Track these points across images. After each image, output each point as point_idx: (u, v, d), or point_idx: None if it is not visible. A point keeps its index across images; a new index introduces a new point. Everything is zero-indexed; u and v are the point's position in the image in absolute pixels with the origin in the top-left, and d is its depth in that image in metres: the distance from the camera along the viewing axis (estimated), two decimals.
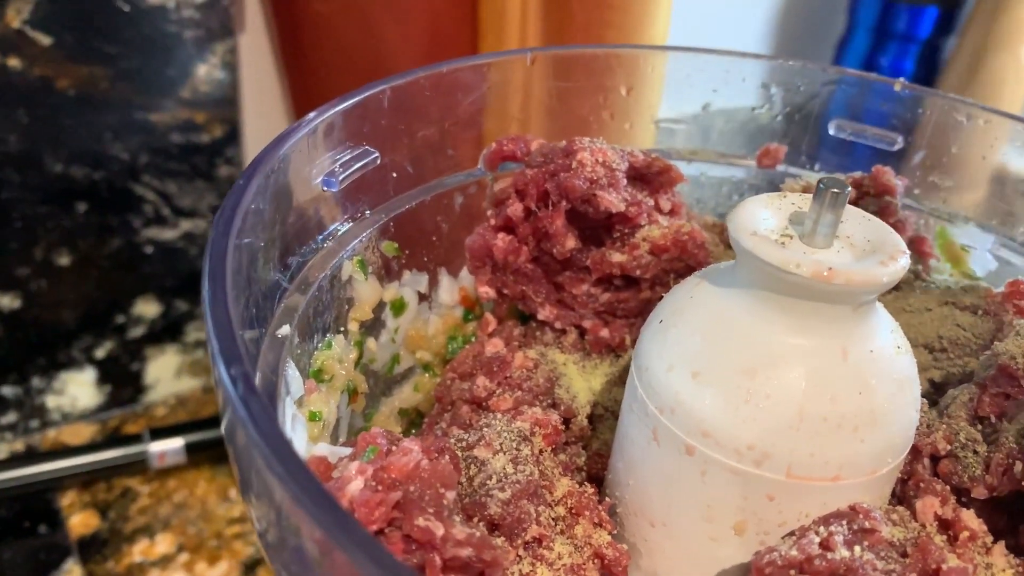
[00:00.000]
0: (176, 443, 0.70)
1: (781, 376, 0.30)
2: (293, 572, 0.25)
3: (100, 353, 0.76)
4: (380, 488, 0.28)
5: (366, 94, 0.37)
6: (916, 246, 0.42)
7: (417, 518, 0.27)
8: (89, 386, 0.76)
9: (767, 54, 0.45)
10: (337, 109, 0.37)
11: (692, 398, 0.31)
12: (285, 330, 0.33)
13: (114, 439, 0.73)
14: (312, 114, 0.35)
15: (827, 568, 0.27)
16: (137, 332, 0.77)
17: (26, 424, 0.74)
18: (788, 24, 1.13)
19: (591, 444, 0.40)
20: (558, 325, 0.43)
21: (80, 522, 0.66)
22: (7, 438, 0.73)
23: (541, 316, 0.43)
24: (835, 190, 0.28)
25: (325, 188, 0.37)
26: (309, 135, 0.35)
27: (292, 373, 0.32)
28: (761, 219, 0.31)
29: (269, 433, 0.22)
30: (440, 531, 0.27)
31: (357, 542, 0.21)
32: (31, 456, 0.70)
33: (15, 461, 0.68)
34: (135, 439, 0.70)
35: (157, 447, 0.69)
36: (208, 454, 0.71)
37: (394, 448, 0.29)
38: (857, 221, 0.31)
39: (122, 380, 0.78)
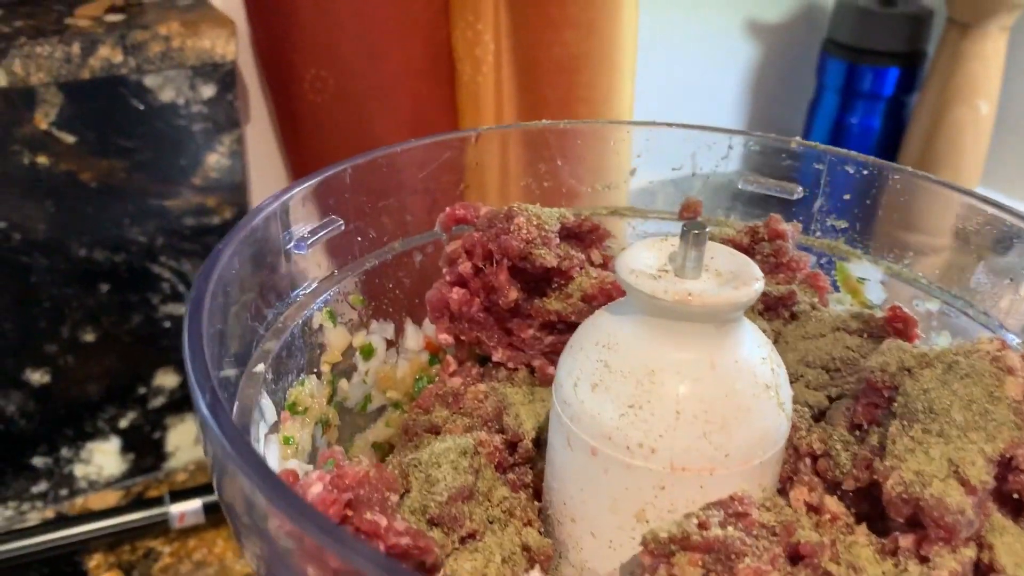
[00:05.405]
0: (195, 504, 0.73)
1: (661, 384, 0.36)
2: None
3: (124, 423, 0.79)
4: (335, 491, 0.34)
5: (329, 173, 0.44)
6: (811, 281, 0.48)
7: (365, 513, 0.33)
8: (114, 455, 0.80)
9: (684, 123, 0.52)
10: (305, 186, 0.43)
11: (593, 407, 0.37)
12: (260, 368, 0.39)
13: (137, 502, 0.76)
14: (281, 190, 0.42)
15: (702, 543, 0.33)
16: (158, 402, 0.80)
17: (56, 492, 0.77)
18: (761, 89, 1.19)
19: (537, 464, 0.45)
20: (510, 365, 0.49)
21: None
22: (38, 506, 0.77)
23: (495, 358, 0.49)
24: (695, 231, 0.35)
25: (296, 252, 0.43)
26: (281, 208, 0.42)
27: (266, 403, 0.39)
28: (642, 258, 0.37)
29: (233, 436, 0.29)
30: (384, 523, 0.33)
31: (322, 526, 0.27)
32: (59, 520, 0.74)
33: (45, 525, 0.72)
34: (156, 501, 0.73)
35: (177, 508, 0.73)
36: None
37: (349, 462, 0.36)
38: (725, 257, 0.38)
39: (145, 448, 0.81)
